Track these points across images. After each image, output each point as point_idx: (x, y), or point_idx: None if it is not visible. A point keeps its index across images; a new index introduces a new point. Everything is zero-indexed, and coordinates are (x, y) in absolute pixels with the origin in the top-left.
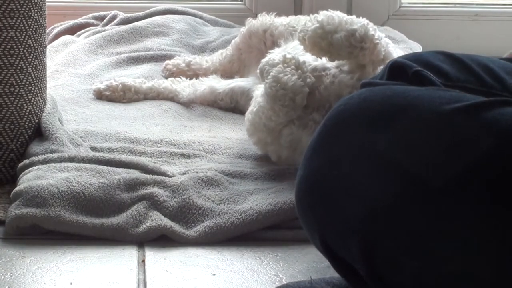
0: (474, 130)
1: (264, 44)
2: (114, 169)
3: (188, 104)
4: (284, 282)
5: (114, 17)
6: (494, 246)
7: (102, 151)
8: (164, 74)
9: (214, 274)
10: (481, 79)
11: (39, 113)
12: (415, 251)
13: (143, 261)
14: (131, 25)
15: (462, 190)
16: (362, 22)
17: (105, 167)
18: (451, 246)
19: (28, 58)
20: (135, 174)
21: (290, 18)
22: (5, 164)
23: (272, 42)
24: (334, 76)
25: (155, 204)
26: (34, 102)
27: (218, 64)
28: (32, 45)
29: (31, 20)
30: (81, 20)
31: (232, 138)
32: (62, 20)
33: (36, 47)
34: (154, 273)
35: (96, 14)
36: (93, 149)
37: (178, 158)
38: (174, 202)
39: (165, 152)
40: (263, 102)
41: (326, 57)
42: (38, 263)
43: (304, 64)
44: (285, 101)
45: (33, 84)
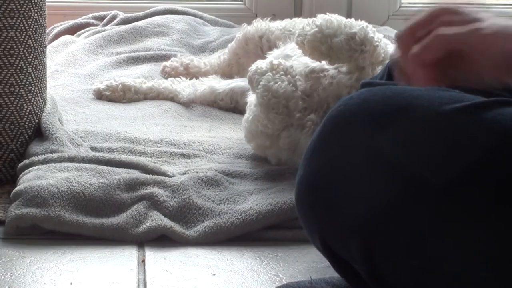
0: (474, 130)
1: (260, 49)
2: (114, 169)
3: (188, 104)
4: (284, 282)
5: (114, 17)
6: (494, 246)
7: (102, 151)
8: (162, 76)
9: (214, 274)
10: None
11: (39, 113)
12: (415, 251)
13: (143, 261)
14: (131, 25)
15: (462, 190)
16: (361, 25)
17: (105, 167)
18: (451, 246)
19: (28, 58)
20: (135, 174)
21: (285, 22)
22: (5, 164)
23: (268, 48)
24: (332, 77)
25: (155, 204)
26: (34, 102)
27: (217, 67)
28: (32, 45)
29: (31, 20)
30: (81, 20)
31: (232, 138)
32: (62, 20)
33: (36, 47)
34: (154, 273)
35: (96, 14)
36: (93, 149)
37: (178, 158)
38: (174, 202)
39: (165, 152)
40: (257, 111)
41: (326, 60)
42: (38, 263)
43: (292, 68)
44: (278, 108)
45: (33, 84)
